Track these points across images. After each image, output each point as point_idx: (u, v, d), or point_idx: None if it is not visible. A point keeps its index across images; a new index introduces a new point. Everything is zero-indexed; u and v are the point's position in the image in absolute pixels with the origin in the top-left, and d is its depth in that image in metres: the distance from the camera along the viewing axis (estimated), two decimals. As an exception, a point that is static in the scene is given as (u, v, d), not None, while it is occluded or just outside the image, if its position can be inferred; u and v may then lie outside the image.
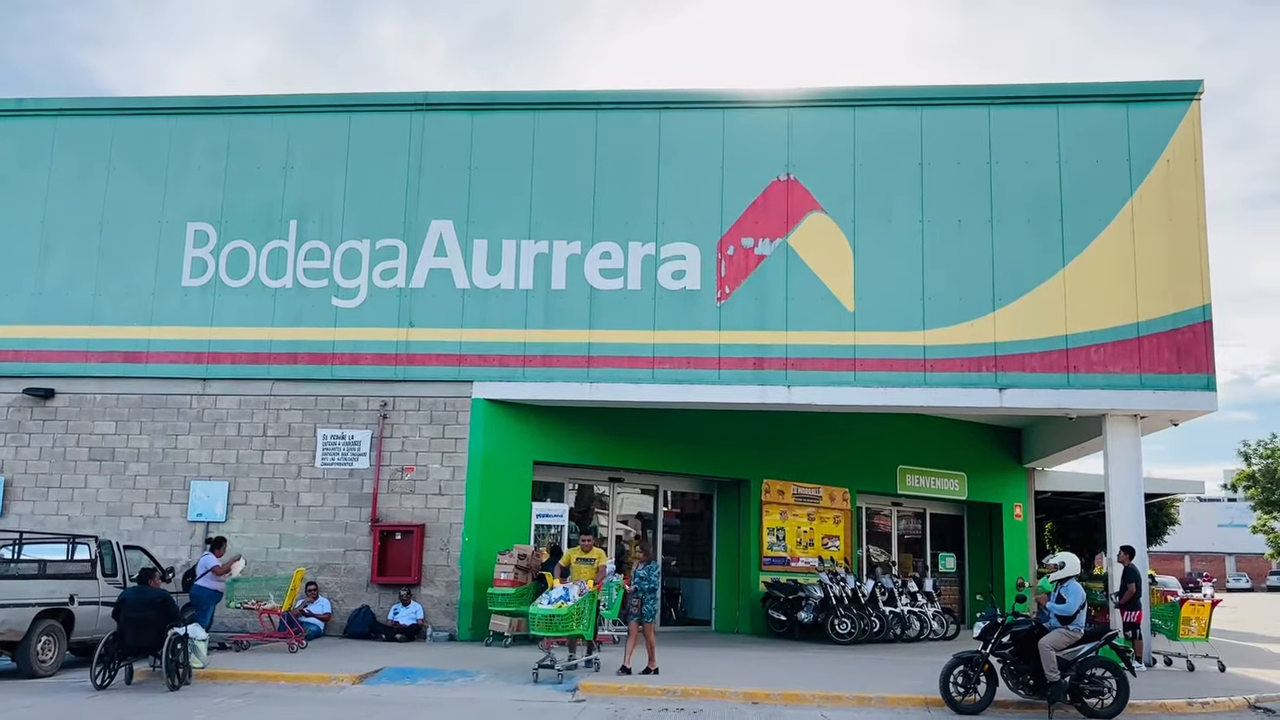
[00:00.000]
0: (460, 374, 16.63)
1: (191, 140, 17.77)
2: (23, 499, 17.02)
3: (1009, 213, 16.25)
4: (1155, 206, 15.99)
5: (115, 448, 17.03)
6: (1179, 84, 16.44)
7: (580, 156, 17.03)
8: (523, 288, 16.74)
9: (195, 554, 16.24)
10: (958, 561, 24.81)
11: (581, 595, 12.24)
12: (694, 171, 16.83)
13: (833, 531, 21.55)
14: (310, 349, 16.89)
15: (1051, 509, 30.73)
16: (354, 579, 16.39)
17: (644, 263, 16.64)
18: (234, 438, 16.89)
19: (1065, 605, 10.84)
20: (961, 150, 16.51)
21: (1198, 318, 15.69)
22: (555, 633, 12.22)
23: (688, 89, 17.66)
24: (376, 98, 17.84)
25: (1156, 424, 16.81)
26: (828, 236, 16.46)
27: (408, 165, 17.25)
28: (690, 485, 20.67)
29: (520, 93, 17.71)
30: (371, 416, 16.73)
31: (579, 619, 12.13)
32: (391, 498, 16.54)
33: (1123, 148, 16.19)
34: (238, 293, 17.13)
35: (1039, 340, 15.86)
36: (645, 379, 16.32)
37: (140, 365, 17.12)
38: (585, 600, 12.24)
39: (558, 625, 12.07)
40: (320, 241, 17.18)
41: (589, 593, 12.33)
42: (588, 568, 13.01)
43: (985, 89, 16.93)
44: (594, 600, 12.42)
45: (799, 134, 16.81)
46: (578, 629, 12.16)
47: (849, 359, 16.10)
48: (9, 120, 18.38)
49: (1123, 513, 15.88)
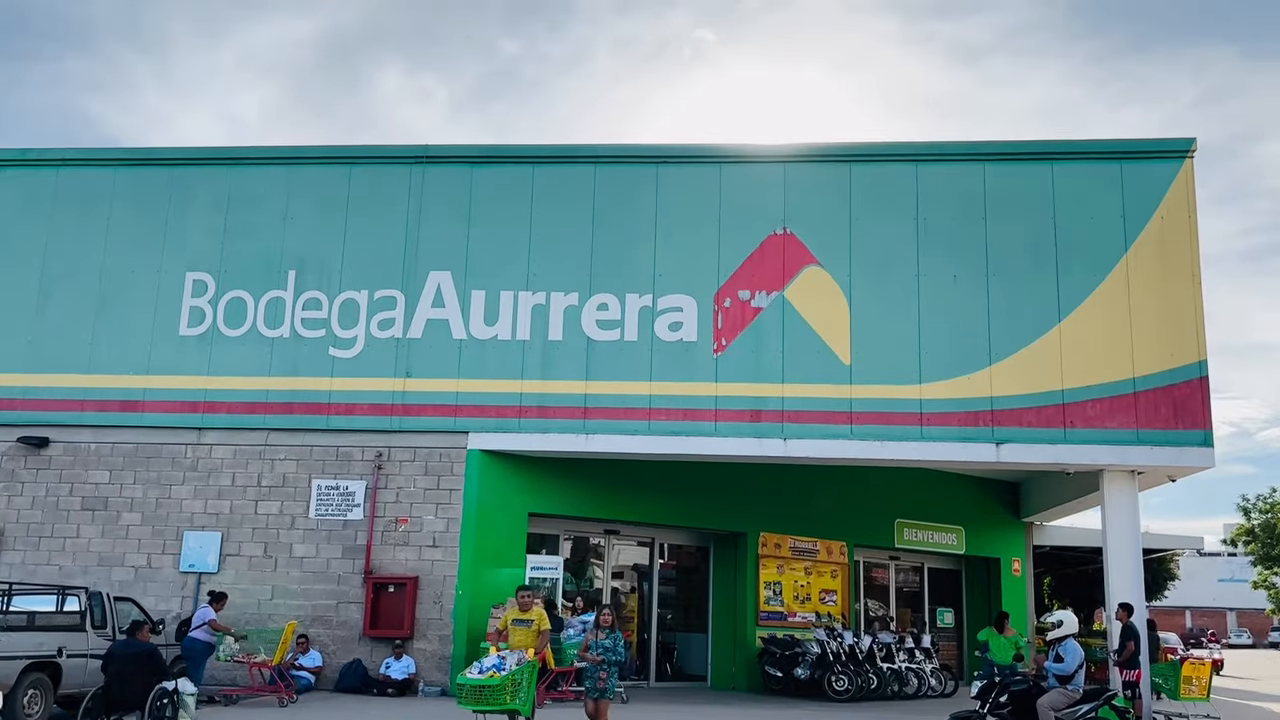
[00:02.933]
0: (456, 424, 16.59)
1: (192, 190, 17.87)
2: (14, 548, 16.89)
3: (1005, 268, 16.32)
4: (1150, 263, 16.07)
5: (109, 497, 16.93)
6: (1172, 141, 16.60)
7: (578, 209, 17.14)
8: (519, 338, 16.76)
9: (187, 605, 16.11)
10: (956, 617, 24.59)
11: (519, 665, 10.69)
12: (691, 224, 16.92)
13: (830, 586, 21.38)
14: (306, 399, 16.87)
15: (1050, 563, 30.54)
16: (346, 632, 16.22)
17: (641, 314, 16.67)
18: (228, 488, 16.80)
19: (1063, 664, 10.74)
20: (957, 205, 16.62)
21: (1194, 373, 15.69)
22: (486, 707, 10.50)
23: (685, 143, 17.87)
24: (377, 150, 18.00)
25: (1154, 479, 16.75)
26: (824, 290, 16.52)
27: (407, 216, 17.34)
28: (686, 538, 20.54)
29: (519, 146, 17.88)
30: (366, 467, 16.67)
31: (514, 691, 10.50)
32: (385, 549, 16.42)
33: (1117, 204, 16.30)
34: (235, 342, 17.14)
35: (1035, 395, 15.85)
36: (641, 430, 16.28)
37: (136, 414, 17.08)
38: (523, 670, 10.68)
39: (489, 698, 10.44)
40: (318, 291, 17.22)
41: (528, 662, 10.78)
42: (525, 631, 11.23)
43: (980, 145, 17.10)
44: (534, 670, 10.95)
45: (795, 188, 16.93)
46: (513, 703, 10.49)
47: (845, 412, 16.08)
48: (12, 170, 18.51)
49: (1121, 569, 15.76)
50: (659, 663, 19.61)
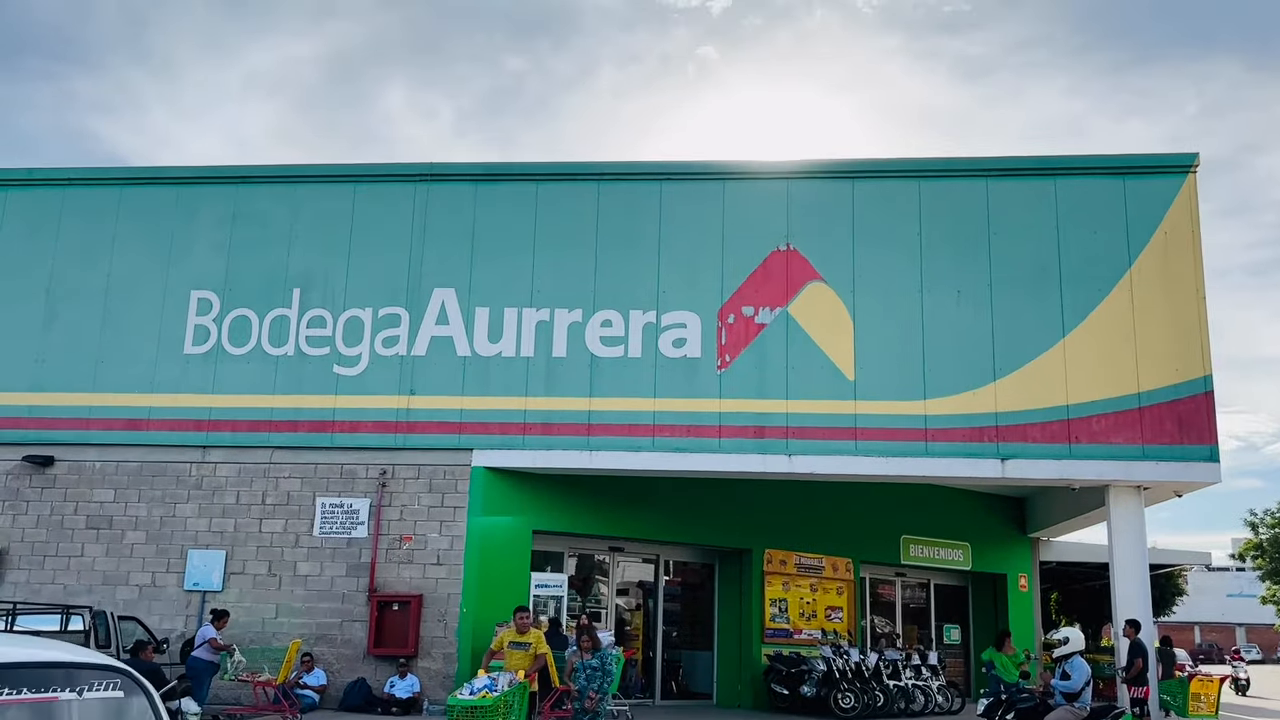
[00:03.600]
0: (460, 442, 16.58)
1: (197, 209, 17.93)
2: (19, 567, 16.88)
3: (1008, 283, 16.31)
4: (1154, 277, 16.05)
5: (113, 516, 16.93)
6: (1175, 156, 16.62)
7: (582, 226, 17.16)
8: (523, 355, 16.76)
9: (191, 624, 16.09)
10: (962, 633, 24.48)
11: (511, 686, 10.60)
12: (694, 241, 16.94)
13: (836, 603, 21.30)
14: (311, 417, 16.87)
15: (1057, 579, 30.41)
16: (350, 650, 16.18)
17: (645, 330, 16.68)
18: (232, 506, 16.80)
19: (1070, 682, 10.67)
20: (960, 221, 16.63)
21: (1199, 388, 15.64)
22: None
23: (688, 160, 17.86)
24: (382, 168, 18.06)
25: (1161, 495, 16.69)
26: (828, 306, 16.51)
27: (411, 234, 17.38)
28: (691, 555, 20.48)
29: (523, 164, 17.94)
30: (370, 485, 16.66)
31: (506, 713, 10.41)
32: (389, 567, 16.39)
33: (1120, 219, 16.30)
34: (239, 360, 17.16)
35: (1040, 410, 15.80)
36: (646, 447, 16.25)
37: (141, 433, 17.09)
38: (515, 692, 10.58)
39: (481, 719, 10.37)
40: (323, 309, 17.25)
41: (520, 683, 10.70)
42: (521, 654, 11.19)
43: (983, 161, 17.12)
44: (525, 692, 10.88)
45: (798, 205, 16.95)
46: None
47: (850, 428, 16.04)
48: (19, 190, 18.58)
49: (1128, 585, 15.68)
50: (664, 681, 19.54)
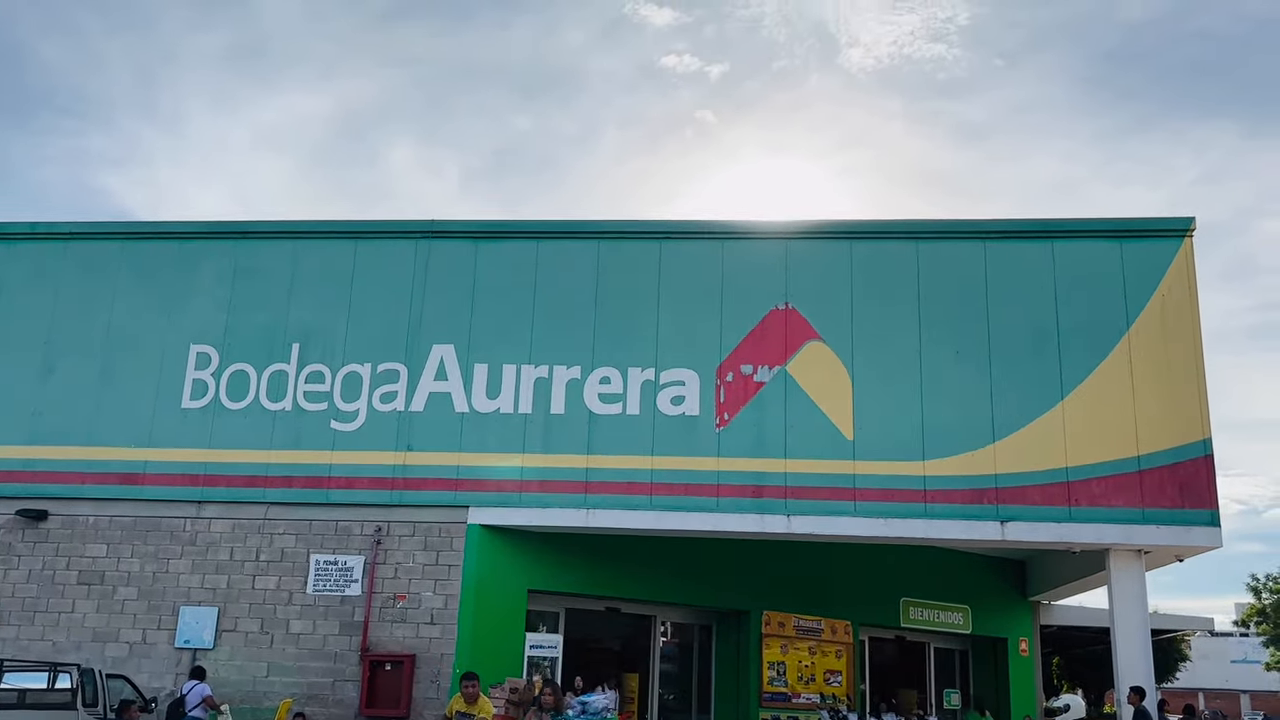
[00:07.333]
0: (456, 499, 16.47)
1: (198, 264, 17.99)
2: (9, 623, 16.66)
3: (1006, 344, 16.32)
4: (1152, 341, 16.06)
5: (105, 571, 16.75)
6: (1172, 220, 16.71)
7: (582, 283, 17.22)
8: (521, 411, 16.72)
9: (180, 681, 15.83)
10: (962, 698, 24.14)
11: None
12: (693, 299, 16.99)
13: (835, 666, 21.03)
14: (307, 472, 16.78)
15: (1059, 643, 30.08)
16: (342, 710, 15.92)
17: (643, 388, 16.65)
18: (226, 562, 16.64)
19: (1072, 750, 10.50)
20: (958, 283, 16.68)
21: (1199, 452, 15.57)
22: None
23: (687, 219, 18.05)
24: (383, 225, 18.16)
25: (1162, 558, 16.55)
26: (826, 365, 16.51)
27: (411, 290, 17.42)
28: (688, 616, 20.26)
29: (524, 221, 18.04)
30: (365, 542, 16.52)
31: None
32: (383, 626, 16.20)
33: (1118, 283, 16.35)
34: (237, 415, 17.11)
35: (1040, 472, 15.72)
36: (643, 505, 16.15)
37: (136, 487, 16.97)
38: None
39: None
40: (321, 364, 17.23)
41: None
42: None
43: (981, 223, 17.22)
44: None
45: (797, 264, 17.02)
46: None
47: (849, 488, 15.95)
48: (22, 244, 18.65)
49: (1130, 649, 15.49)
50: (661, 745, 19.23)
